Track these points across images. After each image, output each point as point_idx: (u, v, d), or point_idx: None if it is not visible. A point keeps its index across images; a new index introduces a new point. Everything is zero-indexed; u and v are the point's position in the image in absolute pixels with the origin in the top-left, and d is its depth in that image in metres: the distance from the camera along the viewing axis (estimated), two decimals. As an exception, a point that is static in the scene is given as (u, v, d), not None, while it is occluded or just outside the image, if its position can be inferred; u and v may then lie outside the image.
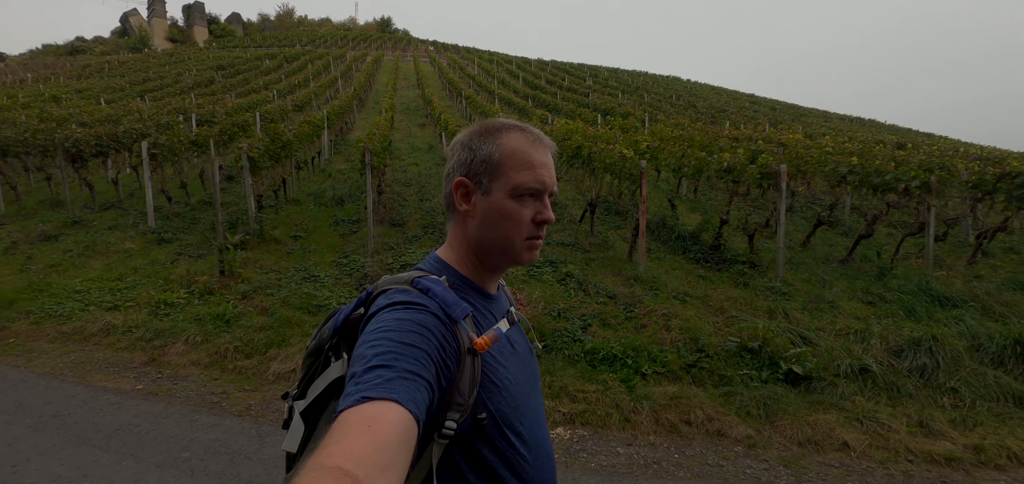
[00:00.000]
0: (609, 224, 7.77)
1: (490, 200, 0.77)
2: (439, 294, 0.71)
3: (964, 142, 21.09)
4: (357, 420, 0.52)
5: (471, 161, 0.79)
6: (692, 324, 4.32)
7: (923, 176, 5.62)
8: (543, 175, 0.78)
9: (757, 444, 2.97)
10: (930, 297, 5.23)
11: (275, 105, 14.48)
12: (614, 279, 5.65)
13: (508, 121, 0.81)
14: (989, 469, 2.94)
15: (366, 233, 6.72)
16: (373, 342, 0.62)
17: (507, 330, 0.82)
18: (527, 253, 0.80)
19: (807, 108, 30.72)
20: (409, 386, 0.58)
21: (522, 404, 0.78)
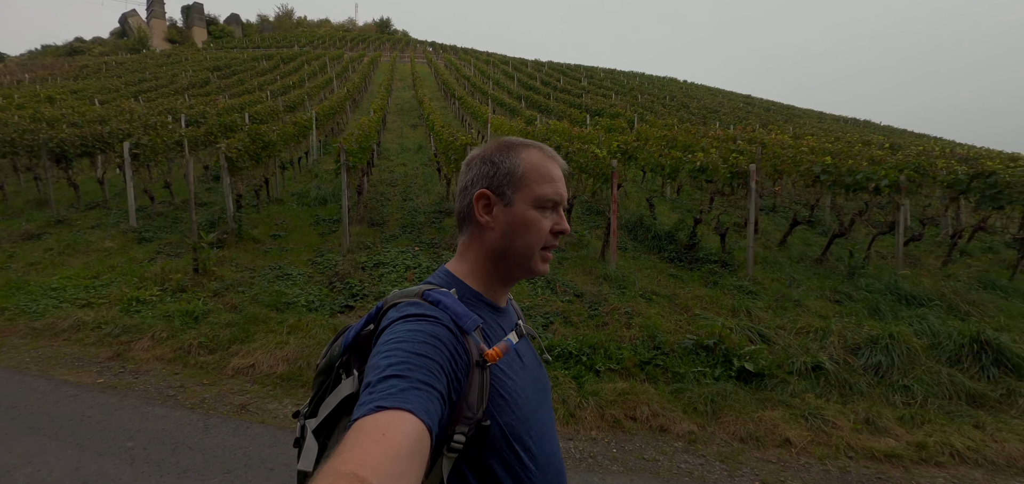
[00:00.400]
0: (587, 223, 7.82)
1: (513, 211, 0.80)
2: (450, 306, 0.72)
3: (963, 144, 21.11)
4: (372, 429, 0.53)
5: (494, 175, 0.82)
6: (653, 322, 4.36)
7: (893, 175, 5.66)
8: (561, 188, 0.83)
9: (698, 440, 3.01)
10: (897, 296, 5.27)
11: (266, 106, 14.57)
12: (584, 278, 5.70)
13: (524, 139, 0.85)
14: (929, 466, 2.98)
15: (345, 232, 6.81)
16: (387, 353, 0.63)
17: (516, 343, 0.82)
18: (542, 264, 0.83)
19: (803, 110, 30.71)
20: (423, 396, 0.59)
21: (531, 418, 0.79)
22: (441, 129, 10.29)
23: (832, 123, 23.07)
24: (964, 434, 3.22)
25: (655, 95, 24.21)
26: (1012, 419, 3.45)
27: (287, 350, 4.03)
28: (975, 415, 3.46)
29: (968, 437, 3.19)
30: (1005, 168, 6.20)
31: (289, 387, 3.67)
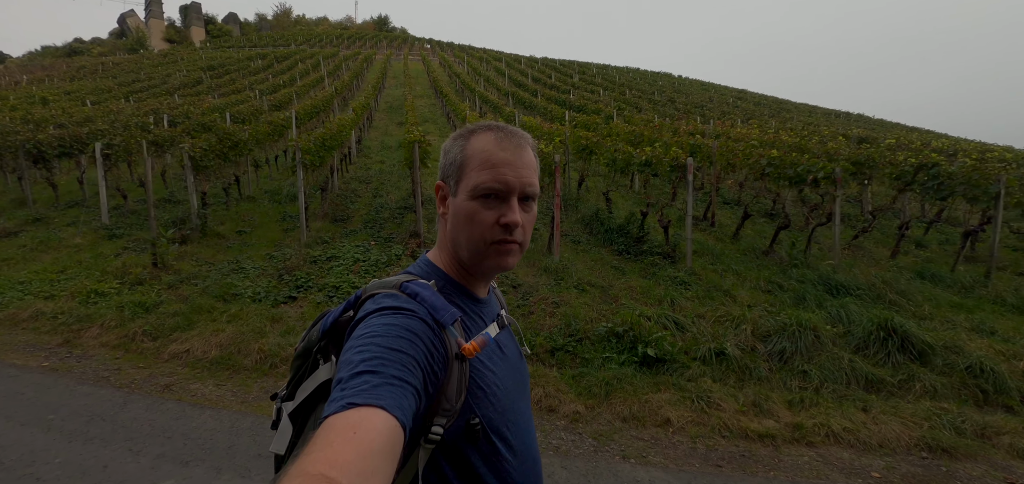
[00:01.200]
0: (544, 219, 8.04)
1: (456, 202, 0.78)
2: (427, 299, 0.71)
3: (954, 138, 21.04)
4: (343, 427, 0.52)
5: (445, 164, 0.80)
6: (575, 311, 4.58)
7: (828, 168, 5.82)
8: (505, 174, 0.75)
9: (582, 419, 3.23)
10: (826, 286, 5.44)
11: (251, 105, 14.86)
12: (527, 270, 5.92)
13: (485, 122, 0.81)
14: (800, 446, 3.17)
15: (312, 227, 7.09)
16: (360, 347, 0.62)
17: (497, 334, 0.81)
18: (495, 258, 0.77)
19: (797, 103, 30.67)
20: (396, 392, 0.58)
21: (509, 410, 0.78)
22: (411, 126, 10.53)
23: (821, 117, 23.08)
24: (846, 416, 3.41)
25: (643, 91, 24.31)
26: (903, 403, 3.63)
27: (222, 337, 4.29)
28: (866, 399, 3.65)
29: (849, 419, 3.37)
30: (948, 161, 6.34)
31: (216, 371, 3.92)
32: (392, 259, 6.15)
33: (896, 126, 26.13)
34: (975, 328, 4.62)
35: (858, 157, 6.61)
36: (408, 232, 6.81)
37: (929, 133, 22.28)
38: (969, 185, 5.89)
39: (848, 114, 28.07)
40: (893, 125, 26.24)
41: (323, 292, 5.28)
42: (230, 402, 3.43)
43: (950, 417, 3.32)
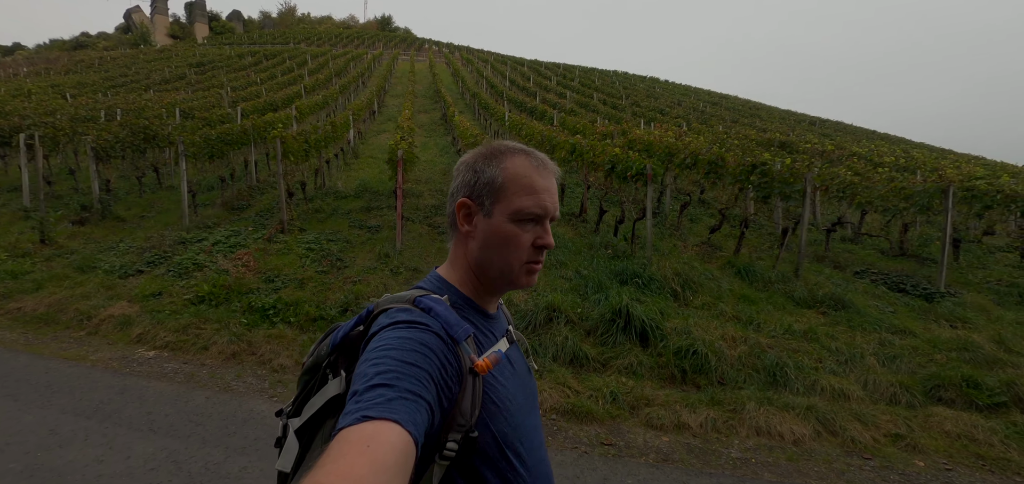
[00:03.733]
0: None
1: (491, 223, 0.79)
2: (441, 314, 0.72)
3: (945, 150, 20.88)
4: (356, 439, 0.53)
5: (475, 183, 0.81)
6: (358, 290, 5.31)
7: (640, 164, 6.39)
8: (545, 200, 0.79)
9: (286, 369, 3.96)
10: (621, 276, 6.02)
11: (201, 101, 15.95)
12: (366, 255, 6.66)
13: (514, 144, 0.84)
14: None
15: (202, 214, 8.01)
16: (375, 360, 0.64)
17: (506, 350, 0.83)
18: (525, 277, 0.81)
19: (782, 110, 30.72)
20: (410, 407, 0.59)
21: (521, 424, 0.79)
22: (340, 125, 11.42)
23: (792, 123, 23.23)
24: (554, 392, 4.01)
25: (611, 93, 24.86)
26: (593, 376, 4.21)
27: (52, 298, 5.17)
28: (563, 372, 4.23)
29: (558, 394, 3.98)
30: (772, 161, 6.83)
31: (37, 325, 4.78)
32: (251, 241, 6.96)
33: (885, 137, 25.99)
34: (737, 317, 5.13)
35: (718, 157, 7.11)
36: (277, 220, 7.63)
37: (920, 146, 22.22)
38: (783, 184, 6.39)
39: (825, 121, 28.02)
40: (883, 136, 26.10)
41: (166, 264, 6.13)
42: (20, 344, 4.28)
43: (615, 388, 3.90)
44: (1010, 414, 3.78)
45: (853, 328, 4.93)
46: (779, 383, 3.91)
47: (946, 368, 4.20)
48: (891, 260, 7.74)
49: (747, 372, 4.04)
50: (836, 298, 5.41)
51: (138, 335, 4.54)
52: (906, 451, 3.27)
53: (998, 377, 4.09)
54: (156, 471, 2.57)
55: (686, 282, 5.65)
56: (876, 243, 8.46)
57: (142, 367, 3.96)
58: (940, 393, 3.95)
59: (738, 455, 3.04)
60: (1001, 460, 3.24)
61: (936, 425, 3.56)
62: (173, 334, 4.49)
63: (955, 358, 4.44)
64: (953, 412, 3.70)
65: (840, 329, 4.90)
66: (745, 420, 3.36)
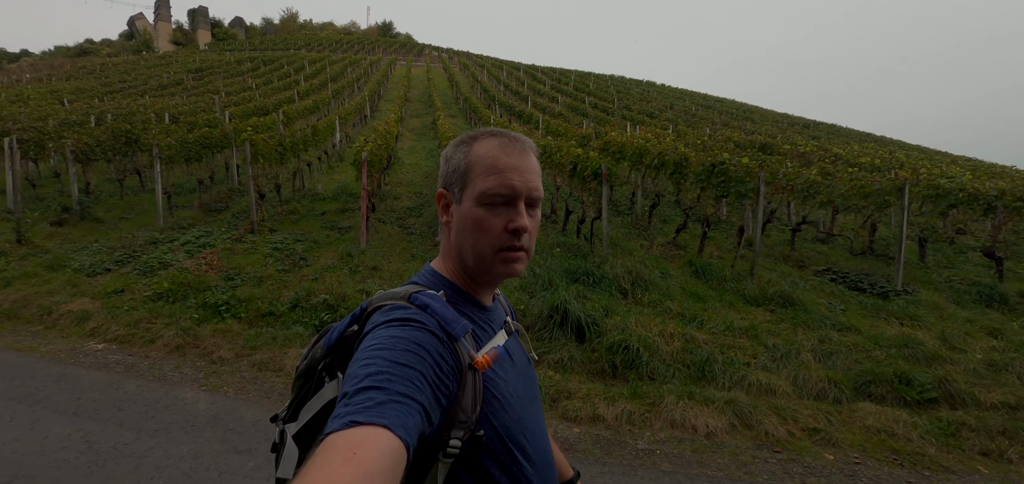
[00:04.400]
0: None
1: (461, 210, 0.78)
2: (438, 311, 0.71)
3: (946, 154, 20.83)
4: (344, 446, 0.51)
5: (446, 172, 0.81)
6: (310, 287, 5.42)
7: (596, 164, 6.48)
8: (512, 180, 0.76)
9: (225, 361, 4.07)
10: (577, 275, 6.08)
11: (192, 106, 16.21)
12: (330, 255, 6.77)
13: (486, 129, 0.82)
14: None
15: (179, 215, 8.17)
16: (366, 361, 0.62)
17: (505, 342, 0.82)
18: (502, 265, 0.78)
19: (780, 114, 30.70)
20: (400, 410, 0.57)
21: (524, 417, 0.78)
22: (323, 129, 11.59)
23: (787, 125, 23.22)
24: None
25: (602, 97, 24.98)
26: None
27: (18, 295, 5.31)
28: None
29: None
30: (729, 161, 6.88)
31: (0, 320, 4.94)
32: (220, 241, 7.10)
33: (883, 140, 25.88)
34: (681, 314, 5.19)
35: (681, 157, 7.19)
36: (248, 222, 7.77)
37: (920, 149, 22.12)
38: (738, 182, 6.44)
39: (820, 124, 27.95)
40: (880, 139, 25.99)
41: (134, 263, 6.27)
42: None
43: (540, 381, 3.97)
44: (938, 410, 3.81)
45: (797, 325, 4.97)
46: (706, 378, 3.96)
47: (882, 365, 4.24)
48: (859, 260, 7.75)
49: (677, 367, 4.10)
50: (785, 296, 5.45)
51: (92, 329, 4.67)
52: (819, 445, 3.31)
53: (933, 374, 4.12)
54: (67, 450, 2.68)
55: (637, 280, 5.71)
56: (847, 243, 8.48)
57: (87, 358, 4.08)
58: (871, 389, 3.98)
59: (645, 447, 3.11)
60: (915, 454, 3.28)
61: (858, 420, 3.60)
62: (125, 328, 4.61)
63: (894, 355, 4.47)
64: (878, 408, 3.73)
65: (784, 326, 4.94)
66: (662, 413, 3.42)
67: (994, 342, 4.97)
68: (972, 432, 3.52)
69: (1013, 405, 3.89)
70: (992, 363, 4.42)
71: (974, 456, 3.33)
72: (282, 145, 8.72)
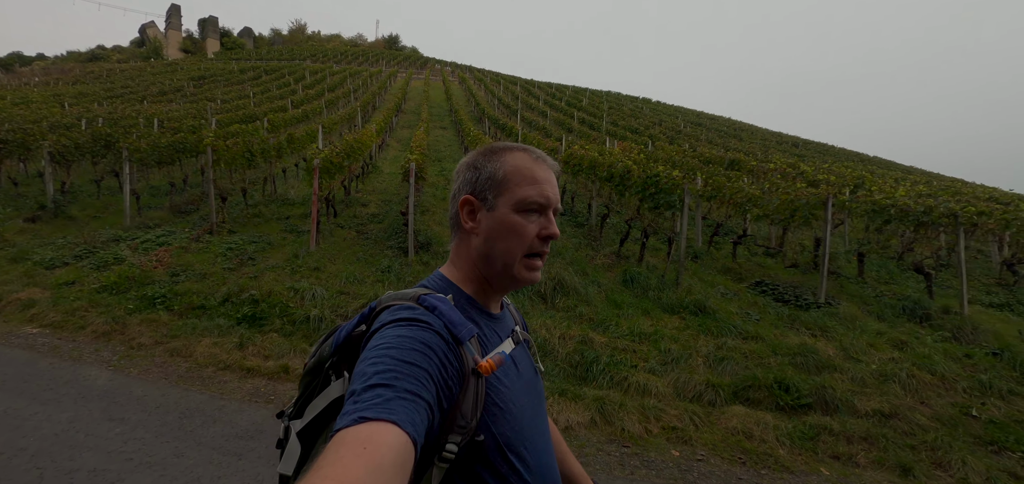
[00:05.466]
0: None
1: (495, 215, 0.81)
2: (445, 313, 0.72)
3: (937, 174, 20.79)
4: (353, 441, 0.52)
5: (477, 179, 0.83)
6: (243, 283, 5.72)
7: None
8: (547, 190, 0.82)
9: (143, 347, 4.37)
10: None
11: (184, 112, 16.80)
12: (280, 255, 7.09)
13: (512, 143, 0.87)
14: (271, 379, 4.07)
15: (148, 215, 8.57)
16: (374, 359, 0.63)
17: (511, 350, 0.83)
18: (527, 272, 0.82)
19: (775, 133, 30.92)
20: (409, 407, 0.58)
21: (526, 427, 0.79)
22: (301, 137, 12.03)
23: (775, 144, 23.43)
24: None
25: (590, 112, 25.43)
26: None
27: (-28, 285, 5.68)
28: None
29: None
30: (663, 173, 7.12)
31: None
32: (179, 240, 7.46)
33: (877, 161, 25.95)
34: (591, 319, 5.36)
35: (603, 171, 7.46)
36: (208, 221, 8.13)
37: (913, 171, 22.23)
38: (667, 194, 6.70)
39: (808, 142, 28.11)
40: (871, 159, 26.08)
41: (91, 258, 6.63)
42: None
43: None
44: (809, 415, 3.99)
45: (703, 332, 5.18)
46: (588, 378, 4.18)
47: (770, 372, 4.43)
48: (801, 274, 7.92)
49: (564, 367, 4.32)
50: (699, 304, 5.66)
51: (32, 315, 5.00)
52: (671, 442, 3.51)
53: (814, 382, 4.30)
54: (-43, 417, 2.98)
55: (558, 286, 5.95)
56: (791, 256, 8.65)
57: (18, 340, 4.40)
58: (749, 394, 4.17)
59: None
60: (763, 455, 3.46)
61: (723, 422, 3.80)
62: (62, 315, 4.94)
63: (784, 363, 4.66)
64: (749, 411, 3.92)
65: (688, 333, 5.15)
66: (530, 405, 3.65)
67: (896, 353, 5.13)
68: (832, 437, 3.71)
69: (887, 413, 4.07)
70: (883, 373, 4.60)
71: (824, 459, 3.51)
72: (250, 151, 9.12)
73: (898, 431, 3.88)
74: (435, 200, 11.26)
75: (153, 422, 3.00)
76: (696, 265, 7.93)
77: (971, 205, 6.55)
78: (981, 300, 7.56)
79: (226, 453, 2.69)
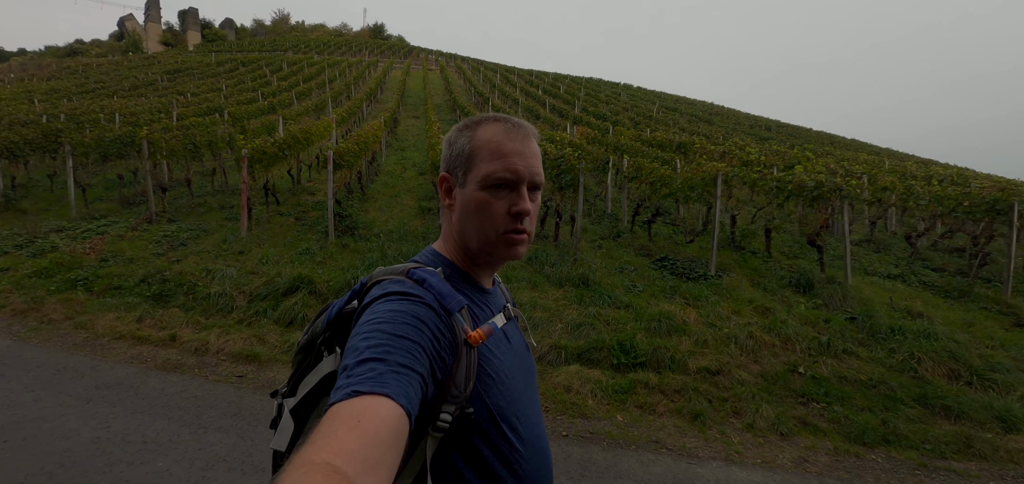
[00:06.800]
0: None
1: (466, 193, 0.81)
2: (435, 286, 0.74)
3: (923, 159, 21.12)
4: (347, 415, 0.53)
5: (450, 156, 0.84)
6: (160, 265, 6.25)
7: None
8: (515, 163, 0.79)
9: (53, 322, 4.90)
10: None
11: (149, 106, 17.22)
12: (212, 241, 7.61)
13: (490, 114, 0.85)
14: (156, 346, 4.59)
15: (96, 207, 9.08)
16: (366, 334, 0.64)
17: (503, 325, 0.85)
18: (505, 248, 0.81)
19: (753, 116, 31.30)
20: (401, 380, 0.59)
21: (517, 399, 0.81)
22: (257, 129, 12.47)
23: (750, 127, 23.85)
24: (235, 339, 4.74)
25: (563, 98, 25.79)
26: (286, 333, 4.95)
27: (-91, 272, 6.21)
28: (263, 326, 5.00)
29: (237, 342, 4.75)
30: (569, 155, 7.61)
31: None
32: (118, 229, 7.97)
33: (865, 146, 26.29)
34: None
35: None
36: (148, 210, 8.65)
37: (900, 155, 22.62)
38: (567, 173, 7.20)
39: (785, 125, 28.48)
40: (861, 144, 26.47)
41: (31, 247, 7.16)
42: None
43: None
44: (637, 373, 4.47)
45: (578, 302, 5.71)
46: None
47: (618, 335, 4.96)
48: (727, 252, 8.43)
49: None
50: (583, 278, 6.19)
51: (-41, 298, 5.53)
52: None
53: (656, 343, 4.83)
54: None
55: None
56: (718, 236, 9.16)
57: (-62, 319, 4.95)
58: (592, 354, 4.70)
59: None
60: (571, 404, 3.97)
61: (552, 378, 4.31)
62: (-14, 298, 5.47)
63: (640, 328, 5.18)
64: (582, 369, 4.43)
65: (564, 303, 5.68)
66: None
67: (758, 319, 5.66)
68: (646, 390, 4.23)
69: (713, 370, 4.60)
70: (729, 335, 5.13)
71: (629, 409, 4.03)
72: (193, 143, 9.60)
73: (718, 385, 4.41)
74: (386, 188, 11.78)
75: (28, 376, 3.54)
76: (615, 244, 8.46)
77: (854, 180, 7.02)
78: (879, 271, 8.09)
79: (78, 399, 3.23)
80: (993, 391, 4.56)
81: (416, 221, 9.15)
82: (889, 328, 5.43)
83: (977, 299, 7.02)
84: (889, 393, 4.42)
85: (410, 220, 9.18)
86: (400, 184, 12.14)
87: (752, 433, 3.74)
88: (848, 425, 3.92)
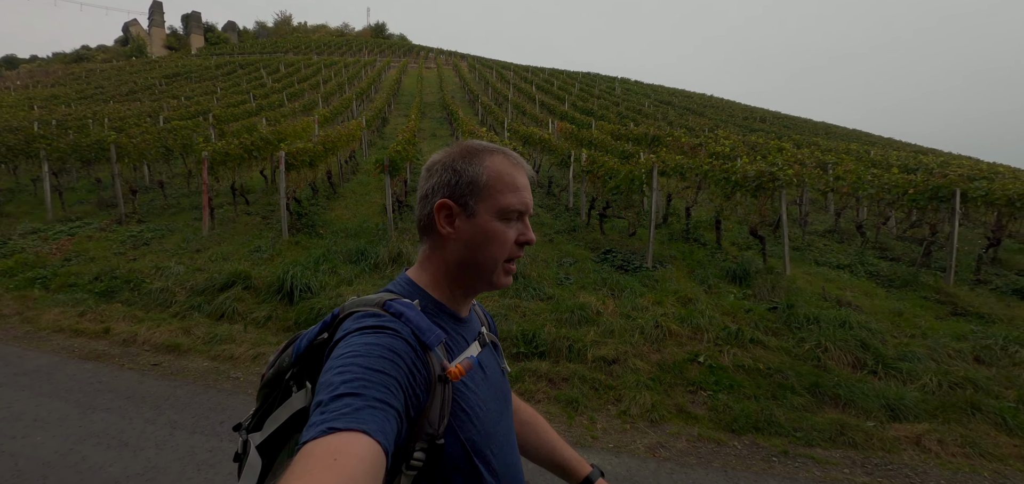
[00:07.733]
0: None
1: (477, 223, 0.82)
2: (412, 319, 0.73)
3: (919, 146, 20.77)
4: (323, 453, 0.53)
5: (455, 183, 0.83)
6: (114, 264, 6.68)
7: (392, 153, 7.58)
8: (526, 197, 0.85)
9: (3, 317, 5.34)
10: (356, 257, 7.18)
11: (140, 111, 17.87)
12: (175, 241, 8.04)
13: (488, 144, 0.87)
14: (90, 338, 5.02)
15: (74, 210, 9.61)
16: (340, 368, 0.64)
17: (479, 353, 0.86)
18: (503, 275, 0.84)
19: (746, 106, 31.04)
20: (378, 416, 0.59)
21: (493, 430, 0.82)
22: (237, 131, 12.95)
23: (742, 119, 23.74)
24: (164, 332, 5.12)
25: (553, 93, 25.93)
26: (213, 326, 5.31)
27: None
28: (191, 322, 5.36)
29: (165, 333, 5.18)
30: None
31: None
32: (88, 230, 8.46)
33: (856, 134, 25.96)
34: None
35: None
36: (119, 213, 9.13)
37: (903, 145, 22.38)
38: None
39: (783, 116, 28.20)
40: (861, 134, 26.16)
41: (2, 249, 7.67)
42: None
43: (218, 333, 5.08)
44: (533, 362, 4.65)
45: (500, 294, 5.97)
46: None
47: (528, 325, 5.19)
48: (659, 243, 8.59)
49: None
50: (518, 272, 6.45)
51: (-77, 295, 6.02)
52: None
53: (561, 334, 5.05)
54: None
55: (397, 257, 6.82)
56: (671, 228, 9.33)
57: (-99, 315, 5.42)
58: (506, 347, 4.97)
59: (200, 367, 4.22)
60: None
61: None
62: (-51, 295, 5.95)
63: (553, 319, 5.42)
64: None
65: (486, 296, 5.95)
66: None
67: (679, 309, 5.85)
68: (533, 377, 4.44)
69: (610, 359, 4.79)
70: (637, 326, 5.31)
71: (515, 390, 4.28)
72: (165, 146, 10.07)
73: (611, 374, 4.60)
74: (360, 186, 12.15)
75: (-46, 363, 3.95)
76: (568, 237, 8.70)
77: (790, 169, 7.13)
78: (830, 261, 8.19)
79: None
80: (896, 380, 4.65)
81: (378, 218, 9.49)
82: (806, 317, 5.57)
83: (919, 288, 7.09)
84: (783, 381, 4.55)
85: (372, 217, 9.52)
86: (374, 182, 12.50)
87: (622, 420, 3.94)
88: (725, 413, 4.05)
